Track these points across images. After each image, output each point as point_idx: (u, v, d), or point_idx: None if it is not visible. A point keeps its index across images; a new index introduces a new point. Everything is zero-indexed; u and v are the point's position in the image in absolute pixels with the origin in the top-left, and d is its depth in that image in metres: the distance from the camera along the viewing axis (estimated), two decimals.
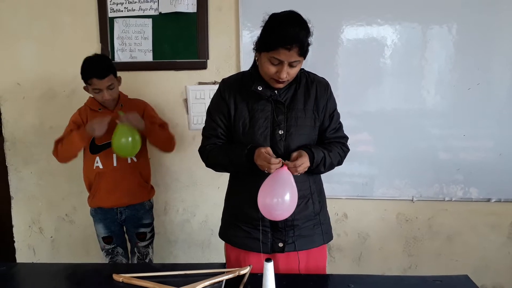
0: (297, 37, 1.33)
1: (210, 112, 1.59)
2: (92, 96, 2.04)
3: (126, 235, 2.22)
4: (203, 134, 1.60)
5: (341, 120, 1.62)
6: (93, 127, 1.90)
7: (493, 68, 2.19)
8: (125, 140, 1.91)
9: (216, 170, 1.60)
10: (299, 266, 1.52)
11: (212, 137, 1.56)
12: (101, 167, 2.05)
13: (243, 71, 1.61)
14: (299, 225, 1.52)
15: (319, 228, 1.57)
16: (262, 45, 1.39)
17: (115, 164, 2.05)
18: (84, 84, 1.98)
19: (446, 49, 2.19)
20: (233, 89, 1.53)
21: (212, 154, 1.54)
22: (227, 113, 1.53)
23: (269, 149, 1.41)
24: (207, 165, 1.59)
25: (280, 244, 1.52)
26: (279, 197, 1.34)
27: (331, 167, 1.53)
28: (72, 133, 1.97)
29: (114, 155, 2.03)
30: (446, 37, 2.18)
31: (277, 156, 1.41)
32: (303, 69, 1.54)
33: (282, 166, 1.37)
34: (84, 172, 2.12)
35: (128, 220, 2.14)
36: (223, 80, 1.59)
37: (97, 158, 2.04)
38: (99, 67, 1.93)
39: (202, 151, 1.59)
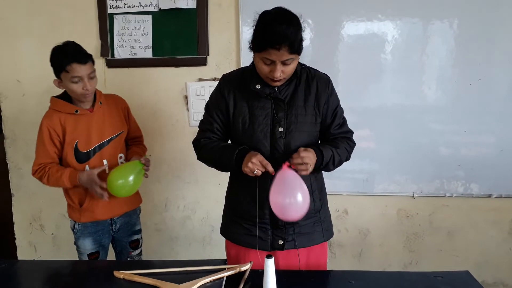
0: (285, 36, 1.30)
1: (208, 106, 1.59)
2: (56, 97, 1.83)
3: (115, 248, 2.06)
4: (199, 127, 1.62)
5: None
6: (83, 180, 1.75)
7: (495, 63, 2.18)
8: (126, 179, 1.77)
9: (207, 165, 1.60)
10: (299, 263, 1.52)
11: (208, 131, 1.57)
12: None
13: (244, 67, 1.60)
14: (299, 223, 1.51)
15: (319, 225, 1.57)
16: (254, 46, 1.38)
17: (107, 171, 1.83)
18: (54, 79, 1.76)
19: (447, 44, 2.18)
20: (232, 86, 1.53)
21: (206, 149, 1.55)
22: (225, 110, 1.53)
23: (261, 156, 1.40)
24: (198, 158, 1.60)
25: (280, 242, 1.51)
26: (291, 197, 1.32)
27: (340, 164, 1.53)
28: (62, 176, 1.76)
29: (105, 161, 1.84)
30: (447, 32, 2.17)
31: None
32: (304, 65, 1.53)
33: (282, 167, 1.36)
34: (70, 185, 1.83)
35: (121, 229, 1.97)
36: (223, 76, 1.59)
37: (86, 167, 1.81)
38: (79, 51, 1.72)
39: (196, 144, 1.60)
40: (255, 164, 1.36)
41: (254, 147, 1.46)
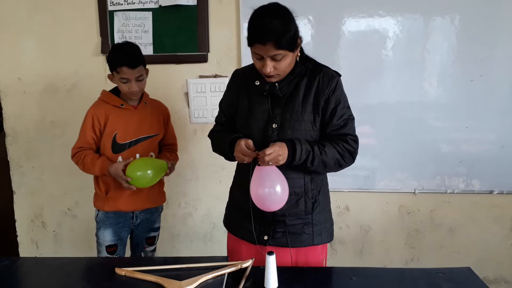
0: (268, 31, 1.30)
1: (221, 100, 1.66)
2: (106, 91, 1.95)
3: (131, 241, 2.11)
4: (215, 120, 1.70)
5: None
6: (112, 172, 1.84)
7: (496, 59, 2.17)
8: (146, 172, 1.85)
9: (222, 156, 1.62)
10: (291, 260, 1.52)
11: (218, 124, 1.66)
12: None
13: None
14: (286, 222, 1.50)
15: (309, 228, 1.52)
16: (247, 41, 1.39)
17: None
18: (108, 72, 1.89)
19: (449, 41, 2.17)
20: (239, 80, 1.57)
21: (213, 140, 1.64)
22: (231, 104, 1.58)
23: (250, 142, 1.43)
24: (212, 150, 1.66)
25: (265, 237, 1.52)
26: (270, 188, 1.37)
27: (325, 164, 1.45)
28: (95, 166, 1.86)
29: (138, 155, 1.92)
30: (449, 28, 2.16)
31: None
32: (313, 60, 1.50)
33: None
34: None
35: (141, 225, 2.04)
36: (234, 70, 1.65)
37: (119, 158, 1.90)
38: (131, 55, 1.82)
39: (209, 137, 1.68)
40: (239, 153, 1.42)
41: None
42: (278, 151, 1.37)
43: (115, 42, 2.34)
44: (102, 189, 1.96)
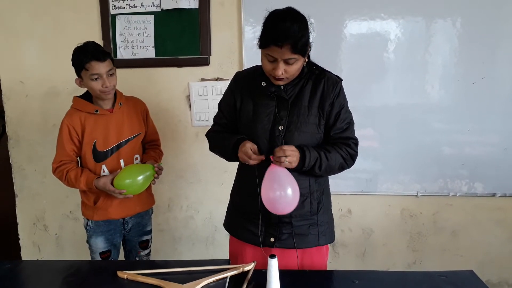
0: (288, 34, 1.31)
1: (220, 102, 1.66)
2: (78, 96, 1.87)
3: (124, 247, 2.08)
4: (213, 120, 1.70)
5: None
6: (100, 187, 1.78)
7: (498, 61, 2.17)
8: (135, 179, 1.80)
9: (219, 156, 1.63)
10: (298, 262, 1.52)
11: (217, 125, 1.66)
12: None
13: (258, 65, 1.58)
14: (292, 223, 1.51)
15: (315, 229, 1.54)
16: (259, 42, 1.40)
17: None
18: (75, 78, 1.81)
19: (451, 43, 2.17)
20: (242, 83, 1.57)
21: (213, 139, 1.64)
22: (233, 106, 1.58)
23: (255, 146, 1.44)
24: (210, 149, 1.67)
25: (272, 239, 1.52)
26: (281, 191, 1.37)
27: (330, 170, 1.49)
28: (80, 183, 1.79)
29: (122, 161, 1.87)
30: (450, 30, 2.16)
31: None
32: (316, 65, 1.53)
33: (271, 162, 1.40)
34: None
35: (132, 229, 1.99)
36: (236, 73, 1.65)
37: (103, 167, 1.85)
38: (97, 50, 1.76)
39: (207, 136, 1.69)
40: (244, 154, 1.42)
41: (254, 143, 1.48)
42: (290, 153, 1.38)
43: (117, 46, 2.35)
44: (90, 199, 1.90)
